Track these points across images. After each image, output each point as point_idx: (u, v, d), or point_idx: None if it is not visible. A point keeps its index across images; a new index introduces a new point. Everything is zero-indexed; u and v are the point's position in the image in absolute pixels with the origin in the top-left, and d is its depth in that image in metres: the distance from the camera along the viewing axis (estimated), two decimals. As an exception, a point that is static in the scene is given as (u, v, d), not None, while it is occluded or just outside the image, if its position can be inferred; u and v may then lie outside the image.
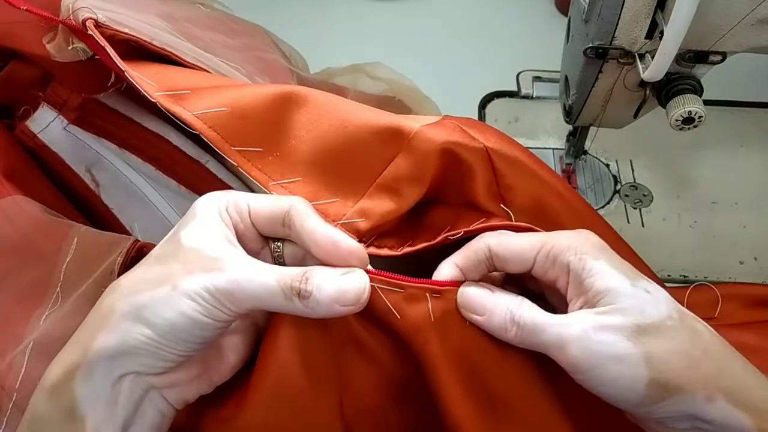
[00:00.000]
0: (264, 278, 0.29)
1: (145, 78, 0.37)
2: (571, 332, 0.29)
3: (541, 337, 0.30)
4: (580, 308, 0.30)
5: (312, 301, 0.29)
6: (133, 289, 0.29)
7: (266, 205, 0.32)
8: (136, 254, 0.38)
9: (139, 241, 0.38)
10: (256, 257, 0.31)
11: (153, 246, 0.38)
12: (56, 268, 0.38)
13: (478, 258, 0.32)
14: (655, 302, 0.29)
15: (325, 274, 0.30)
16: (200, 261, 0.29)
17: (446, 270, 0.33)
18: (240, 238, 0.32)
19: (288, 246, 0.33)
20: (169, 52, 0.41)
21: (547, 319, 0.30)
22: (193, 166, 0.42)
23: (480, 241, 0.32)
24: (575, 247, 0.30)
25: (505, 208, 0.36)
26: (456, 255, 0.33)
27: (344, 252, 0.31)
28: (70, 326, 0.35)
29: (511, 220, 0.36)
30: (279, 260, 0.33)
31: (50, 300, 0.37)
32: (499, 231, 0.33)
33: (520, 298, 0.32)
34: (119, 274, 0.36)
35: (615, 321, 0.29)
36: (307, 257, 0.33)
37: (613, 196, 0.62)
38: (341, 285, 0.30)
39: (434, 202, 0.38)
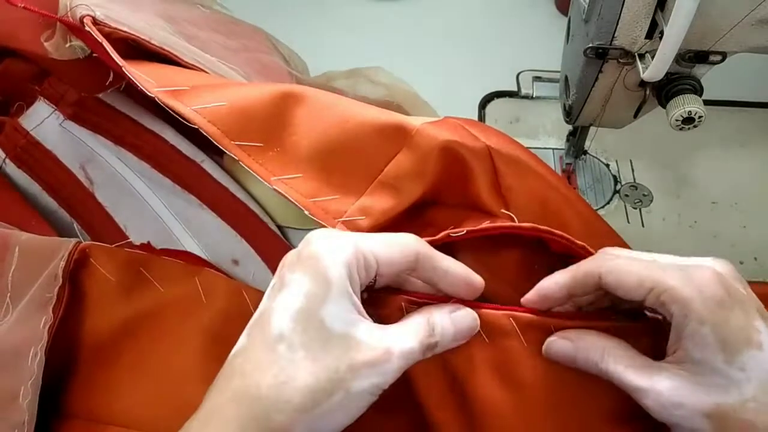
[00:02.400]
0: (413, 348, 0.30)
1: (143, 75, 0.37)
2: (652, 405, 0.29)
3: (629, 393, 0.30)
4: (676, 359, 0.30)
5: (438, 348, 0.31)
6: (308, 404, 0.27)
7: (395, 257, 0.31)
8: (79, 256, 0.37)
9: (81, 242, 0.38)
10: None
11: (97, 247, 0.38)
12: (2, 279, 0.38)
13: (587, 283, 0.32)
14: (745, 381, 0.28)
15: (443, 320, 0.31)
16: (360, 353, 0.28)
17: (551, 286, 0.33)
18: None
19: (380, 278, 0.33)
20: (168, 51, 0.41)
21: (632, 381, 0.30)
22: (188, 165, 0.42)
23: (592, 265, 0.32)
24: (684, 300, 0.29)
25: (508, 212, 0.36)
26: (565, 274, 0.33)
27: (474, 290, 0.33)
28: (18, 336, 0.35)
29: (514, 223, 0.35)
30: (370, 285, 0.33)
31: (2, 311, 0.37)
32: (610, 253, 0.33)
33: (601, 346, 0.31)
34: (63, 279, 0.36)
35: (695, 399, 0.28)
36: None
37: (613, 196, 0.62)
38: (459, 326, 0.32)
39: (436, 203, 0.38)
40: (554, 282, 0.33)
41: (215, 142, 0.36)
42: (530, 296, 0.33)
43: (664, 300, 0.29)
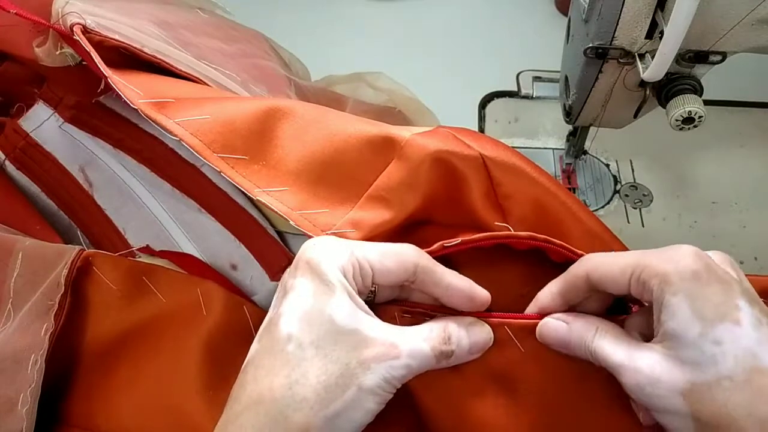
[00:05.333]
0: (423, 350, 0.30)
1: (129, 85, 0.37)
2: (630, 382, 0.29)
3: (614, 373, 0.30)
4: (658, 337, 0.29)
5: (453, 358, 0.31)
6: (324, 401, 0.27)
7: (391, 267, 0.31)
8: (82, 264, 0.37)
9: (84, 250, 0.38)
10: None
11: (100, 255, 0.38)
12: (5, 284, 0.37)
13: (578, 285, 0.32)
14: (720, 356, 0.27)
15: (459, 330, 0.31)
16: (368, 348, 0.28)
17: (546, 299, 0.33)
18: None
19: (382, 290, 0.33)
20: (160, 59, 0.41)
21: (614, 358, 0.29)
22: (187, 169, 0.42)
23: (579, 267, 0.32)
24: (661, 274, 0.29)
25: (503, 224, 0.35)
26: (556, 282, 0.33)
27: (478, 306, 0.32)
28: (18, 342, 0.35)
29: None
30: (369, 299, 0.33)
31: (3, 317, 0.37)
32: (595, 254, 0.32)
33: (594, 326, 0.31)
34: (66, 286, 0.36)
35: (671, 376, 0.28)
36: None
37: (613, 196, 0.62)
38: (474, 339, 0.32)
39: (430, 222, 0.37)
40: (549, 293, 0.33)
41: (197, 155, 0.35)
42: (530, 311, 0.33)
43: (644, 278, 0.29)
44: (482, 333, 0.32)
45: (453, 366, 0.32)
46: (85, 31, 0.38)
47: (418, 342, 0.30)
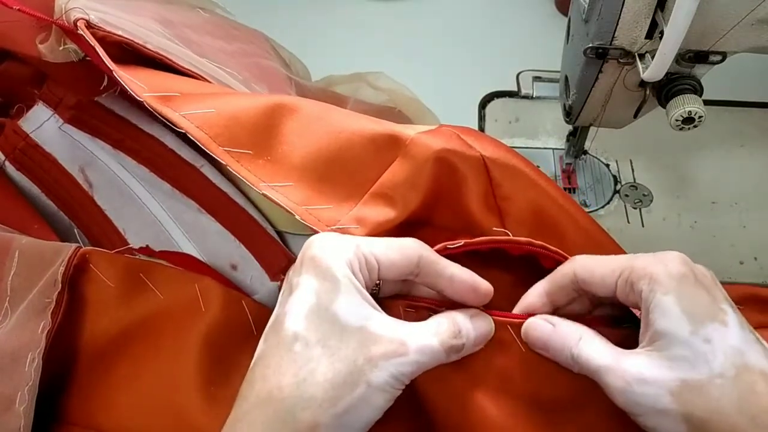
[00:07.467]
0: (432, 346, 0.30)
1: (134, 79, 0.37)
2: (617, 383, 0.29)
3: (596, 378, 0.30)
4: (645, 341, 0.30)
5: (464, 351, 0.31)
6: (332, 399, 0.27)
7: (396, 260, 0.31)
8: (79, 261, 0.37)
9: (81, 247, 0.38)
10: None
11: (97, 252, 0.38)
12: (2, 282, 0.37)
13: (564, 284, 0.32)
14: (710, 354, 0.28)
15: (466, 323, 0.31)
16: (376, 345, 0.28)
17: (533, 298, 0.33)
18: None
19: (386, 285, 0.33)
20: (163, 55, 0.41)
21: (600, 361, 0.30)
22: (187, 169, 0.42)
23: (567, 266, 0.32)
24: (650, 275, 0.29)
25: (501, 229, 0.36)
26: (543, 282, 0.33)
27: (482, 297, 0.33)
28: (16, 341, 0.35)
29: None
30: (373, 294, 0.33)
31: (1, 315, 0.37)
32: (587, 255, 0.33)
33: (579, 333, 0.31)
34: (62, 284, 0.36)
35: (660, 374, 0.28)
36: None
37: (613, 196, 0.62)
38: (479, 330, 0.32)
39: (429, 224, 0.37)
40: (536, 294, 0.33)
41: (203, 147, 0.35)
42: (517, 310, 0.34)
43: (633, 279, 0.30)
44: (485, 324, 0.32)
45: (457, 362, 0.32)
46: (89, 26, 0.39)
47: (427, 338, 0.30)
